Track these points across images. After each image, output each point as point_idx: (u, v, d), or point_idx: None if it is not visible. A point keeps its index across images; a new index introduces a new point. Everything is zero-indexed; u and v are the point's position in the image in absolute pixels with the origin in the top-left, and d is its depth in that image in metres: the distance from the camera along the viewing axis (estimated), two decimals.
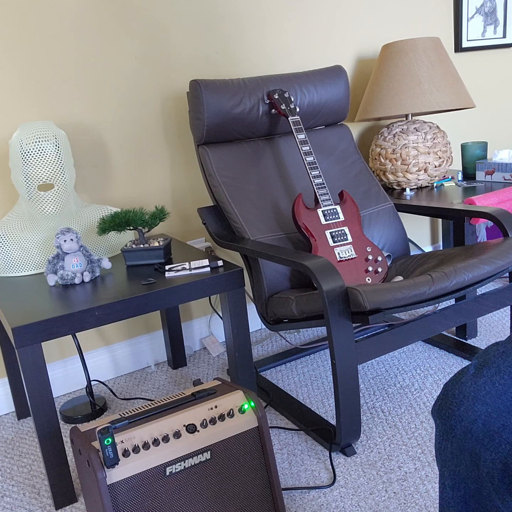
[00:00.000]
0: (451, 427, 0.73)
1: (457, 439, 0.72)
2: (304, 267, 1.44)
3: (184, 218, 2.16)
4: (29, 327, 1.31)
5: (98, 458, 1.11)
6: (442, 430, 0.75)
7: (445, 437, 0.75)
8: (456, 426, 0.72)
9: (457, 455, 0.73)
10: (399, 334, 1.49)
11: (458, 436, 0.72)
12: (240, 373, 1.64)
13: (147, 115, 2.02)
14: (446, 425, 0.74)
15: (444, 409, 0.74)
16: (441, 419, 0.75)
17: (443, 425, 0.75)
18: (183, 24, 2.03)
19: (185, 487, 1.19)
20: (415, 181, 2.25)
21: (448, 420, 0.73)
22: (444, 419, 0.74)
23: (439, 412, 0.75)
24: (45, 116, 1.86)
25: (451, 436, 0.73)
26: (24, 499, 1.50)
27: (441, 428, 0.75)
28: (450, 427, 0.73)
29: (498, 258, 1.56)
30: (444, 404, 0.75)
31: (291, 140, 2.06)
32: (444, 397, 0.75)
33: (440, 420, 0.75)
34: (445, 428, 0.74)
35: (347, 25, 2.39)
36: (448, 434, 0.74)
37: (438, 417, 0.76)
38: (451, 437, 0.73)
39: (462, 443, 0.71)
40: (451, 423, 0.73)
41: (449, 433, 0.73)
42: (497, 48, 2.84)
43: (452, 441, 0.73)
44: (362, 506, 1.35)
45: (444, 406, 0.75)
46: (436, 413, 0.76)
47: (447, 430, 0.74)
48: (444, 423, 0.74)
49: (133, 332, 2.13)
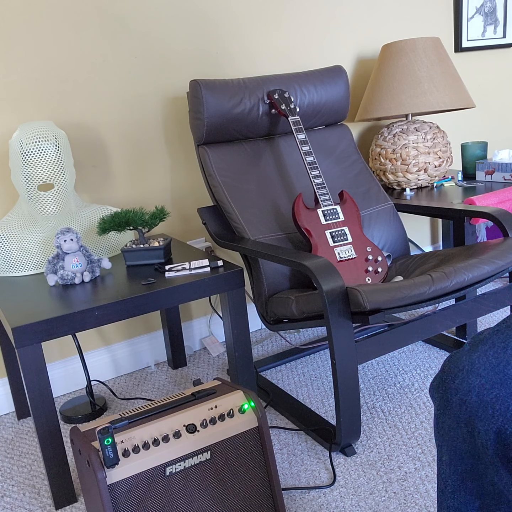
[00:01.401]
0: (447, 400, 0.75)
1: (453, 412, 0.74)
2: (304, 267, 1.44)
3: (184, 218, 2.16)
4: (29, 327, 1.31)
5: (98, 458, 1.11)
6: (440, 404, 0.77)
7: (442, 410, 0.76)
8: (452, 398, 0.74)
9: (454, 428, 0.75)
10: (399, 334, 1.49)
11: (454, 408, 0.74)
12: (240, 373, 1.64)
13: (147, 115, 2.02)
14: (443, 398, 0.76)
15: (441, 383, 0.77)
16: (438, 393, 0.77)
17: (440, 399, 0.77)
18: (183, 24, 2.03)
19: (185, 487, 1.19)
20: (415, 181, 2.25)
21: (445, 393, 0.75)
22: (441, 393, 0.76)
23: (436, 388, 0.78)
24: (45, 116, 1.86)
25: (448, 409, 0.75)
26: (24, 499, 1.50)
27: (439, 403, 0.77)
28: (447, 400, 0.75)
29: (498, 258, 1.56)
30: (441, 378, 0.77)
31: (291, 140, 2.06)
32: (441, 373, 0.78)
33: (438, 394, 0.77)
34: (442, 401, 0.76)
35: (347, 25, 2.39)
36: (445, 407, 0.76)
37: (436, 391, 0.78)
38: (447, 410, 0.75)
39: (458, 415, 0.73)
40: (447, 396, 0.75)
41: (446, 406, 0.75)
42: (497, 48, 2.84)
43: (448, 414, 0.75)
44: (362, 506, 1.35)
45: (441, 380, 0.77)
46: (434, 389, 0.78)
47: (444, 404, 0.76)
48: (441, 396, 0.76)
49: (133, 332, 2.14)
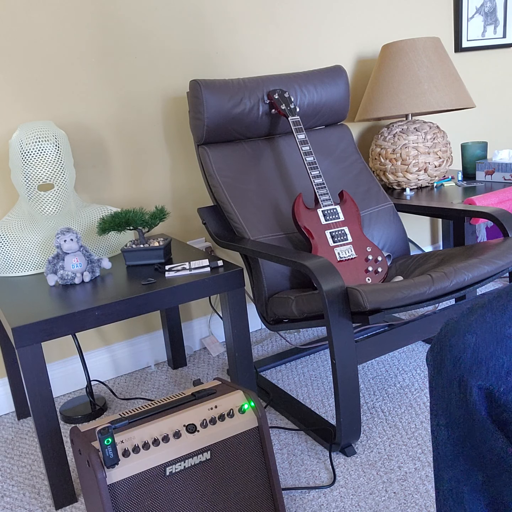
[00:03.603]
0: (441, 359, 0.75)
1: (446, 370, 0.74)
2: (304, 267, 1.44)
3: (184, 218, 2.16)
4: (29, 327, 1.31)
5: (98, 458, 1.11)
6: (433, 365, 0.76)
7: (436, 370, 0.76)
8: (446, 355, 0.74)
9: (447, 388, 0.74)
10: (399, 334, 1.49)
11: (448, 366, 0.74)
12: (240, 373, 1.64)
13: (147, 115, 2.02)
14: (437, 357, 0.76)
15: (436, 343, 0.76)
16: (433, 354, 0.77)
17: (435, 360, 0.76)
18: (183, 24, 2.03)
19: (185, 487, 1.19)
20: (415, 181, 2.25)
21: (440, 352, 0.75)
22: (435, 353, 0.76)
23: (432, 350, 0.77)
24: (45, 116, 1.86)
25: (442, 368, 0.75)
26: (24, 499, 1.50)
27: (433, 364, 0.77)
28: (441, 359, 0.75)
29: (498, 258, 1.56)
30: (437, 340, 0.77)
31: (291, 140, 2.06)
32: (437, 335, 0.78)
33: (432, 356, 0.77)
34: (436, 361, 0.76)
35: (347, 25, 2.39)
36: (439, 366, 0.75)
37: (431, 354, 0.77)
38: (441, 368, 0.75)
39: (452, 373, 0.73)
40: (441, 355, 0.75)
41: (440, 365, 0.75)
42: (497, 48, 2.84)
43: (442, 373, 0.75)
44: (362, 506, 1.35)
45: (437, 341, 0.77)
46: (430, 352, 0.78)
47: (438, 364, 0.76)
48: (435, 356, 0.76)
49: (133, 332, 2.13)
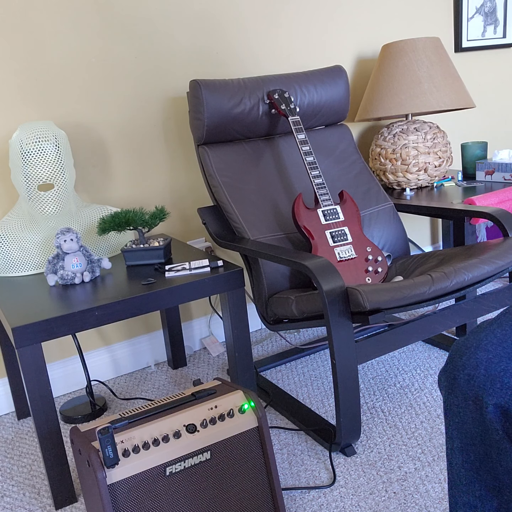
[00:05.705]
0: (454, 378, 0.75)
1: (461, 389, 0.74)
2: (304, 267, 1.44)
3: (184, 218, 2.16)
4: (29, 327, 1.31)
5: (98, 458, 1.11)
6: (447, 386, 0.76)
7: (450, 390, 0.76)
8: (459, 375, 0.74)
9: (462, 407, 0.74)
10: (399, 334, 1.49)
11: (461, 385, 0.74)
12: (240, 373, 1.64)
13: (147, 115, 2.02)
14: (450, 377, 0.76)
15: (449, 364, 0.76)
16: (446, 374, 0.77)
17: (448, 380, 0.76)
18: (183, 24, 2.03)
19: (185, 487, 1.19)
20: (415, 181, 2.25)
21: (452, 372, 0.75)
22: (449, 373, 0.76)
23: (444, 370, 0.77)
24: (45, 116, 1.86)
25: (455, 387, 0.75)
26: (24, 499, 1.50)
27: (447, 384, 0.77)
28: (454, 378, 0.75)
29: (498, 258, 1.56)
30: (449, 360, 0.77)
31: (291, 140, 2.06)
32: (449, 356, 0.78)
33: (445, 377, 0.77)
34: (449, 381, 0.76)
35: (347, 25, 2.39)
36: (452, 386, 0.75)
37: (444, 374, 0.77)
38: (455, 388, 0.75)
39: (466, 391, 0.73)
40: (454, 374, 0.75)
41: (453, 384, 0.75)
42: (497, 48, 2.84)
43: (456, 392, 0.75)
44: (362, 506, 1.35)
45: (449, 361, 0.77)
46: (442, 373, 0.78)
47: (451, 382, 0.75)
48: (448, 376, 0.76)
49: (133, 332, 2.13)
